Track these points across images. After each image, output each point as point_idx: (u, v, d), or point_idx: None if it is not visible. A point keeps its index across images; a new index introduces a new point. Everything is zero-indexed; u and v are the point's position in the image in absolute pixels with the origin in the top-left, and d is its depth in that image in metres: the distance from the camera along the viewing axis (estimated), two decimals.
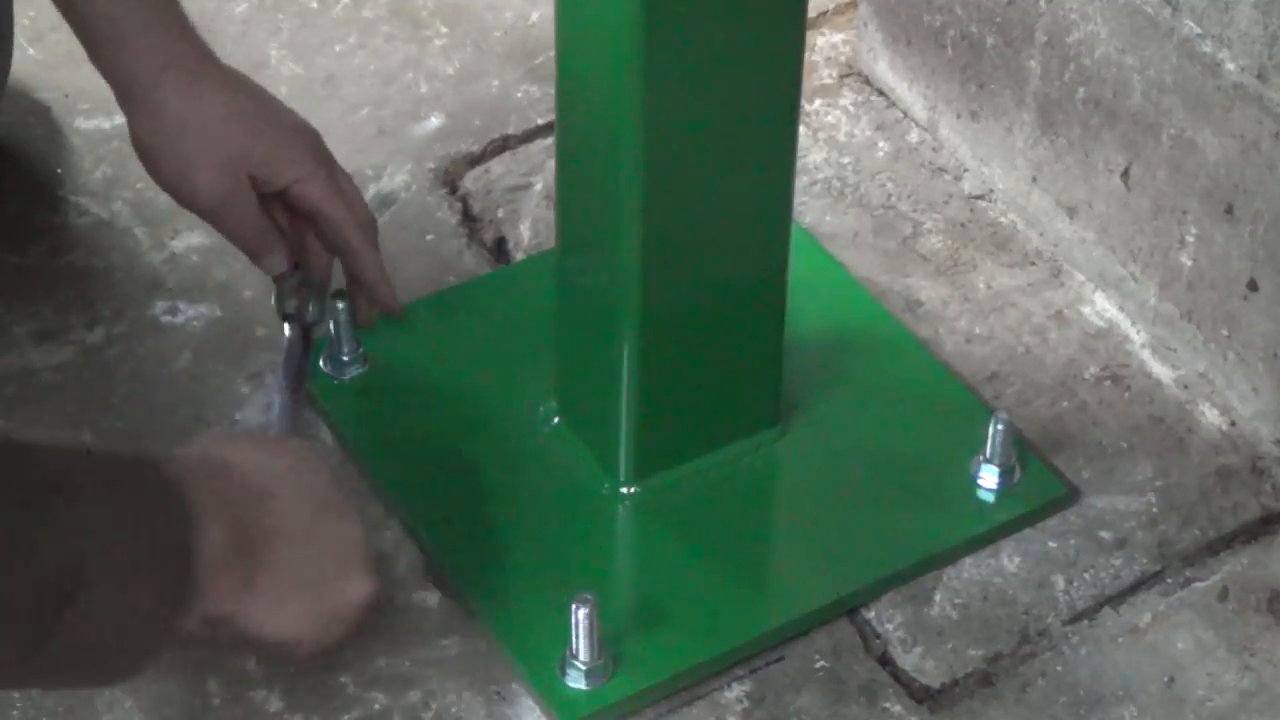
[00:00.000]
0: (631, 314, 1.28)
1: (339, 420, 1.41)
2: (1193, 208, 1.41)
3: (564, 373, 1.38)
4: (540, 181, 1.60)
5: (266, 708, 1.25)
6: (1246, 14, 1.31)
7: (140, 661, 1.07)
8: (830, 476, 1.38)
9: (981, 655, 1.29)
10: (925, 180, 1.61)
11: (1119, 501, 1.38)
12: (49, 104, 1.65)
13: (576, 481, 1.37)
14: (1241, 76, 1.33)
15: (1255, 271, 1.38)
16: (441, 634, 1.30)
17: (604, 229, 1.26)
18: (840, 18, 1.75)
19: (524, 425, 1.40)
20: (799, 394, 1.41)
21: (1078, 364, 1.47)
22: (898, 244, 1.56)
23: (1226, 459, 1.41)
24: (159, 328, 1.48)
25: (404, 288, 1.50)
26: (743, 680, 1.28)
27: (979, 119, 1.58)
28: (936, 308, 1.51)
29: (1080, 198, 1.51)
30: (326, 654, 1.21)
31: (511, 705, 1.26)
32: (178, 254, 1.53)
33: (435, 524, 1.34)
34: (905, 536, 1.34)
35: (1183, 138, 1.40)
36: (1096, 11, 1.43)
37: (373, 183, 1.59)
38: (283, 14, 1.74)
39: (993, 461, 1.36)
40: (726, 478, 1.37)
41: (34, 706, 1.25)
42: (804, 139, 1.60)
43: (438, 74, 1.69)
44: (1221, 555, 1.35)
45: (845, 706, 1.26)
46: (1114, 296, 1.51)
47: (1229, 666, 1.29)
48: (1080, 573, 1.34)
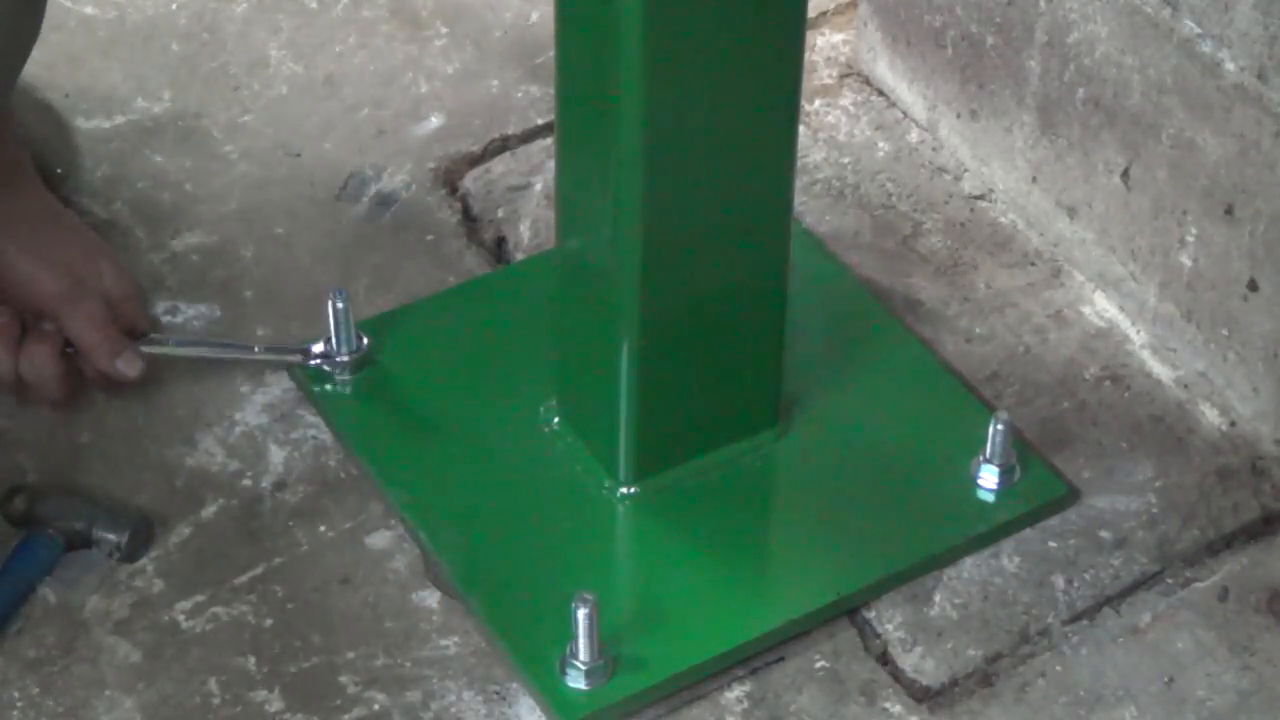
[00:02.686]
0: (631, 314, 1.28)
1: (339, 420, 1.41)
2: (1193, 208, 1.41)
3: (564, 373, 1.38)
4: (540, 181, 1.60)
5: (266, 708, 1.26)
6: (1246, 14, 1.31)
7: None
8: (830, 476, 1.38)
9: (981, 655, 1.29)
10: (925, 180, 1.61)
11: (1119, 501, 1.38)
12: (49, 104, 1.65)
13: (576, 481, 1.37)
14: (1241, 76, 1.33)
15: (1255, 271, 1.38)
16: (441, 634, 1.30)
17: (604, 229, 1.26)
18: (840, 18, 1.75)
19: (524, 425, 1.40)
20: (799, 394, 1.41)
21: (1078, 364, 1.47)
22: (898, 244, 1.56)
23: (1226, 459, 1.41)
24: (159, 328, 1.48)
25: (404, 288, 1.51)
26: (743, 680, 1.28)
27: (979, 119, 1.58)
28: (936, 308, 1.51)
29: (1080, 198, 1.51)
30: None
31: (511, 705, 1.26)
32: (178, 254, 1.53)
33: (435, 524, 1.34)
34: (905, 536, 1.34)
35: (1183, 138, 1.40)
36: (1096, 11, 1.43)
37: (373, 183, 1.59)
38: (283, 14, 1.74)
39: (993, 461, 1.36)
40: (726, 478, 1.37)
41: (34, 706, 1.25)
42: (804, 139, 1.60)
43: (438, 74, 1.69)
44: (1221, 555, 1.35)
45: (845, 706, 1.26)
46: (1114, 296, 1.51)
47: (1229, 666, 1.29)
48: (1080, 573, 1.34)
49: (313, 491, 1.38)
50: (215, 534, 1.35)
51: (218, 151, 1.62)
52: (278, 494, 1.37)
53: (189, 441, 1.40)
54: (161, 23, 1.73)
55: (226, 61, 1.70)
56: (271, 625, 1.30)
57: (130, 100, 1.66)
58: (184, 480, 1.38)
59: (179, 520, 1.36)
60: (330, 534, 1.35)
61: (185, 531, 1.35)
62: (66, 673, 1.27)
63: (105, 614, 1.30)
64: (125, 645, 1.29)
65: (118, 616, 1.30)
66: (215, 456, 1.39)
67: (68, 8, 1.74)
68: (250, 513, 1.36)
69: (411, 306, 1.48)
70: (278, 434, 1.41)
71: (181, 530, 1.35)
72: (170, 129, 1.63)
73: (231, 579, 1.32)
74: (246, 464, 1.39)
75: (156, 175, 1.59)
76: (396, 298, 1.50)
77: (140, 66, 1.69)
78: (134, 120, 1.64)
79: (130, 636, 1.29)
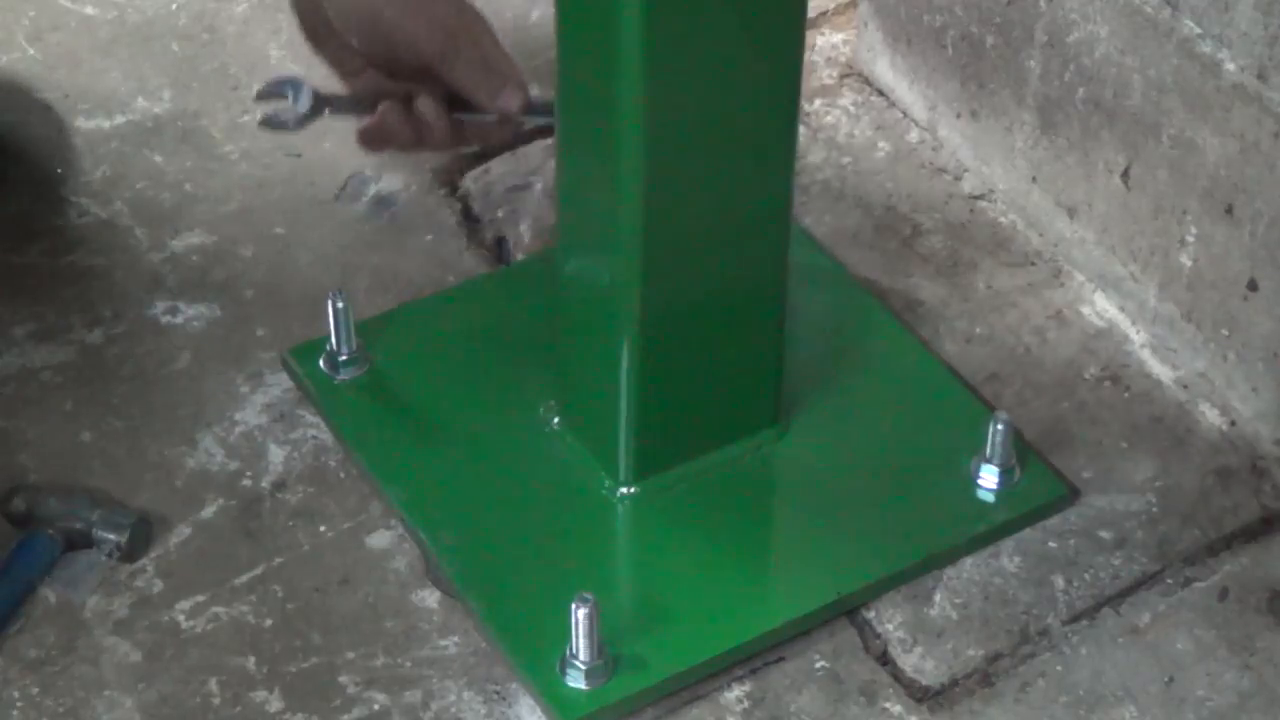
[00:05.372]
0: (631, 314, 1.28)
1: (339, 420, 1.41)
2: (1193, 208, 1.41)
3: (564, 373, 1.38)
4: (540, 181, 1.60)
5: (266, 708, 1.26)
6: (1246, 14, 1.32)
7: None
8: (830, 476, 1.38)
9: (981, 655, 1.29)
10: (925, 180, 1.61)
11: (1119, 501, 1.38)
12: (49, 104, 1.65)
13: (576, 481, 1.37)
14: (1241, 76, 1.33)
15: (1255, 271, 1.38)
16: (441, 634, 1.30)
17: (604, 229, 1.26)
18: (840, 18, 1.75)
19: (524, 425, 1.40)
20: (799, 394, 1.41)
21: (1078, 364, 1.47)
22: (898, 244, 1.56)
23: (1226, 459, 1.41)
24: (159, 328, 1.48)
25: (404, 288, 1.51)
26: (743, 680, 1.28)
27: (979, 119, 1.58)
28: (936, 308, 1.51)
29: (1080, 198, 1.51)
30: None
31: (511, 705, 1.26)
32: (178, 254, 1.53)
33: (435, 524, 1.34)
34: (905, 536, 1.34)
35: (1183, 138, 1.40)
36: (1096, 11, 1.43)
37: (373, 183, 1.59)
38: (283, 14, 1.74)
39: (993, 461, 1.36)
40: (726, 478, 1.37)
41: (34, 706, 1.25)
42: (804, 139, 1.60)
43: None
44: (1221, 555, 1.35)
45: (845, 706, 1.27)
46: (1114, 296, 1.51)
47: (1229, 666, 1.29)
48: (1080, 572, 1.34)
49: (313, 491, 1.38)
50: (215, 534, 1.35)
51: (218, 151, 1.62)
52: (278, 494, 1.37)
53: (189, 441, 1.40)
54: (161, 23, 1.73)
55: (226, 61, 1.70)
56: (271, 625, 1.30)
57: (130, 100, 1.66)
58: (184, 480, 1.38)
59: (179, 520, 1.36)
60: (330, 534, 1.35)
61: (185, 531, 1.35)
62: (66, 673, 1.27)
63: (105, 614, 1.30)
64: (125, 645, 1.29)
65: (118, 616, 1.30)
66: (215, 456, 1.39)
67: (68, 8, 1.74)
68: (250, 513, 1.36)
69: (411, 306, 1.48)
70: (278, 434, 1.41)
71: (181, 530, 1.35)
72: (170, 129, 1.63)
73: (231, 579, 1.32)
74: (246, 464, 1.39)
75: (156, 175, 1.59)
76: (396, 298, 1.50)
77: (140, 66, 1.69)
78: (134, 120, 1.64)
79: (130, 636, 1.29)
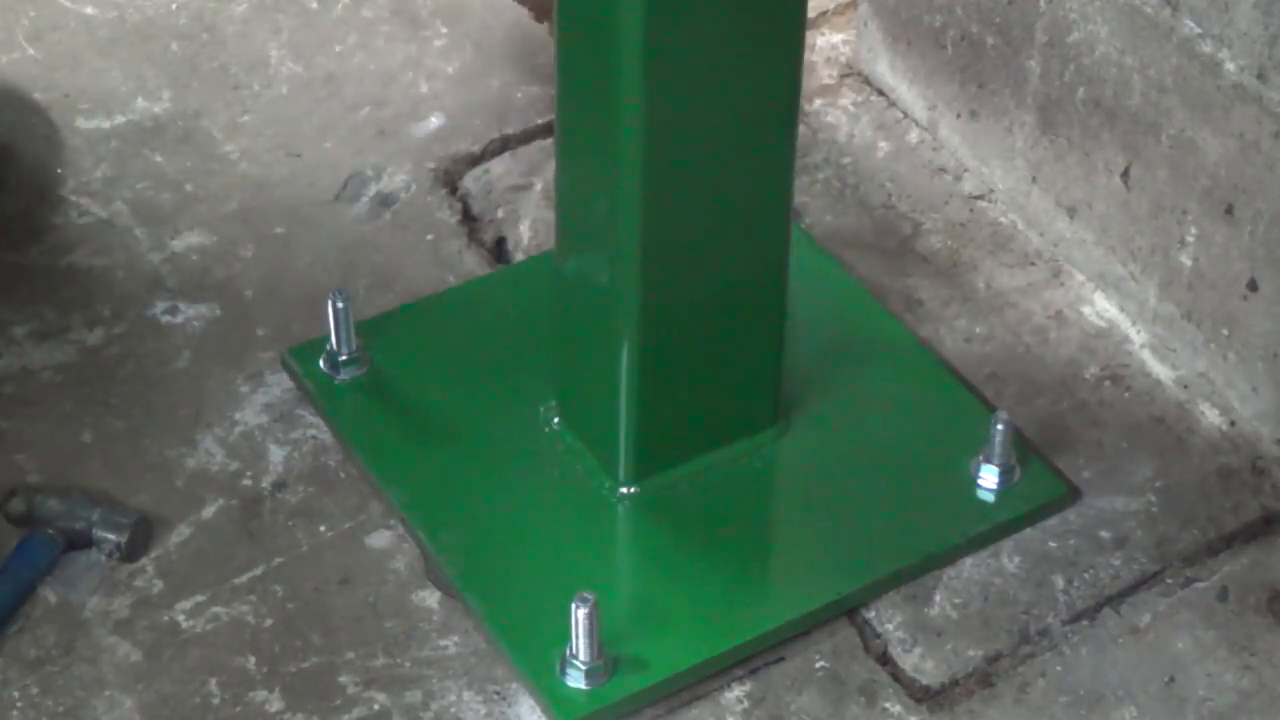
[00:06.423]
0: (631, 314, 1.28)
1: (339, 420, 1.41)
2: (1193, 208, 1.41)
3: (564, 373, 1.38)
4: (540, 181, 1.60)
5: (266, 708, 1.26)
6: (1246, 14, 1.32)
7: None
8: (830, 476, 1.38)
9: (981, 655, 1.29)
10: (925, 180, 1.61)
11: (1119, 501, 1.38)
12: (49, 104, 1.65)
13: (576, 481, 1.37)
14: (1241, 76, 1.33)
15: (1255, 271, 1.38)
16: (441, 634, 1.30)
17: (604, 229, 1.26)
18: (840, 18, 1.75)
19: (524, 426, 1.40)
20: (799, 394, 1.41)
21: (1078, 364, 1.47)
22: (898, 244, 1.56)
23: (1226, 459, 1.41)
24: (159, 328, 1.48)
25: (404, 288, 1.51)
26: (743, 680, 1.28)
27: (979, 119, 1.58)
28: (936, 308, 1.51)
29: (1080, 198, 1.51)
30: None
31: (511, 705, 1.26)
32: (178, 254, 1.53)
33: (435, 524, 1.34)
34: (905, 536, 1.34)
35: (1183, 138, 1.40)
36: (1096, 11, 1.43)
37: (373, 183, 1.59)
38: (283, 14, 1.74)
39: (993, 461, 1.36)
40: (726, 478, 1.37)
41: (34, 706, 1.25)
42: (804, 139, 1.60)
43: (438, 74, 1.69)
44: (1221, 555, 1.35)
45: (845, 706, 1.27)
46: (1114, 296, 1.51)
47: (1229, 666, 1.29)
48: (1080, 573, 1.34)
49: (313, 491, 1.38)
50: (215, 534, 1.35)
51: (218, 151, 1.62)
52: (278, 494, 1.37)
53: (189, 441, 1.40)
54: (161, 23, 1.73)
55: (226, 61, 1.70)
56: (271, 625, 1.30)
57: (130, 100, 1.66)
58: (184, 480, 1.38)
59: (179, 520, 1.36)
60: (330, 534, 1.35)
61: (185, 531, 1.35)
62: (66, 673, 1.27)
63: (105, 614, 1.30)
64: (125, 645, 1.29)
65: (118, 616, 1.30)
66: (215, 456, 1.39)
67: (68, 8, 1.74)
68: (250, 513, 1.36)
69: (412, 306, 1.48)
70: (278, 434, 1.41)
71: (181, 530, 1.35)
72: (170, 129, 1.63)
73: (231, 579, 1.32)
74: (246, 464, 1.39)
75: (156, 175, 1.59)
76: (396, 298, 1.50)
77: (140, 66, 1.69)
78: (134, 120, 1.64)
79: (130, 636, 1.29)
